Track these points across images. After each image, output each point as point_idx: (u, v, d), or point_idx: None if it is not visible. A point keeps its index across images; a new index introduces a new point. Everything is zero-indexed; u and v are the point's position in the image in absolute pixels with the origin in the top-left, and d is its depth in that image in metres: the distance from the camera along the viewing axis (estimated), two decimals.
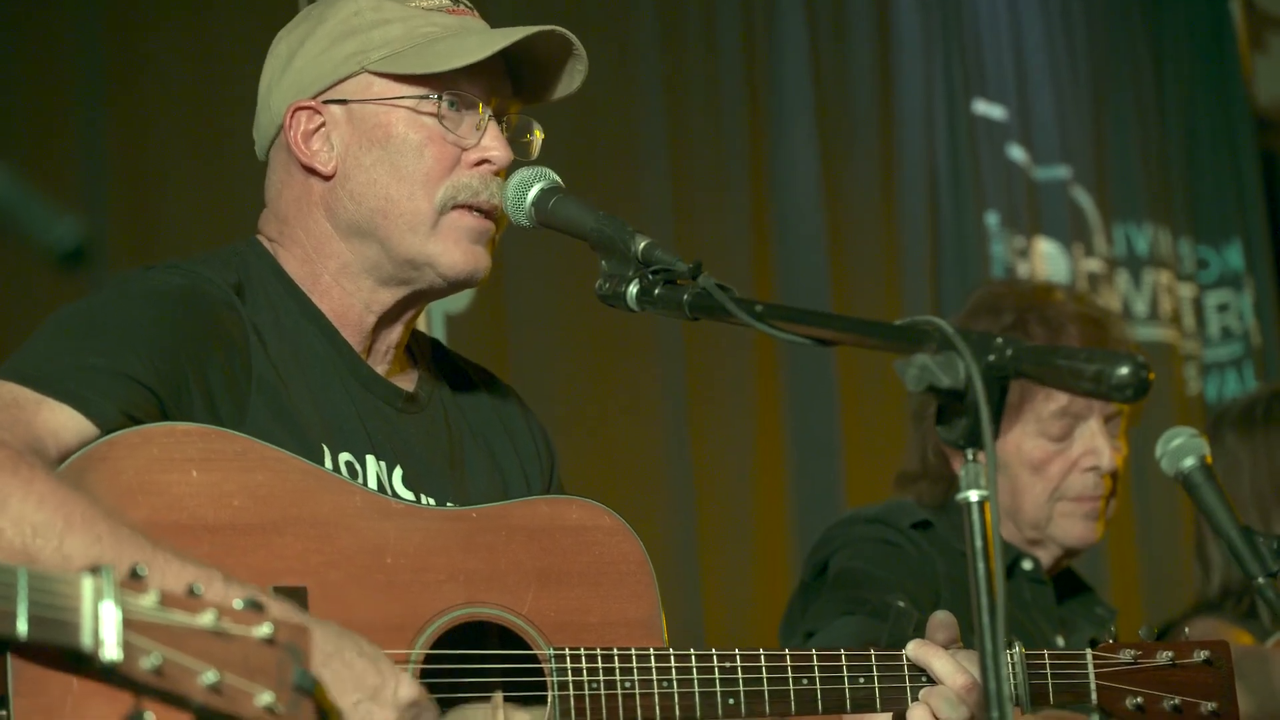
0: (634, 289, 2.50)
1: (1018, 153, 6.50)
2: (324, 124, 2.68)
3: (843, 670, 2.67)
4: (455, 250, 2.66)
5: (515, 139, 2.74)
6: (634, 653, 2.54)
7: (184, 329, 2.50)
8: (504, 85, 2.73)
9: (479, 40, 2.67)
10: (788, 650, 2.65)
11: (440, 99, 2.66)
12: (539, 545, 2.57)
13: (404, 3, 2.70)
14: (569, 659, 2.51)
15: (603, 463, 5.06)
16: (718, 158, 5.57)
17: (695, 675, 2.58)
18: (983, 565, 2.04)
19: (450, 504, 2.64)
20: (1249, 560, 2.91)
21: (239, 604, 1.91)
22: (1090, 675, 2.85)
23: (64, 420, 2.34)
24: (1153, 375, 2.07)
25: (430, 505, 2.62)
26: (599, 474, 4.94)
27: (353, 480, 2.54)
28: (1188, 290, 7.01)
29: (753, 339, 5.40)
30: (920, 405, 3.80)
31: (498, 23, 2.76)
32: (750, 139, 5.65)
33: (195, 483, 2.35)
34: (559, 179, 2.66)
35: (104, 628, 1.81)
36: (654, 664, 2.55)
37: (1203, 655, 2.89)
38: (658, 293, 2.48)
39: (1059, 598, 3.86)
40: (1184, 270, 6.99)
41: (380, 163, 2.65)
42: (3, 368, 2.40)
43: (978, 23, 6.43)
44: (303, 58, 2.70)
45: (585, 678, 2.51)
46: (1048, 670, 2.81)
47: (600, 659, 2.52)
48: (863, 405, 5.71)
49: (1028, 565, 3.78)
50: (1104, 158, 6.76)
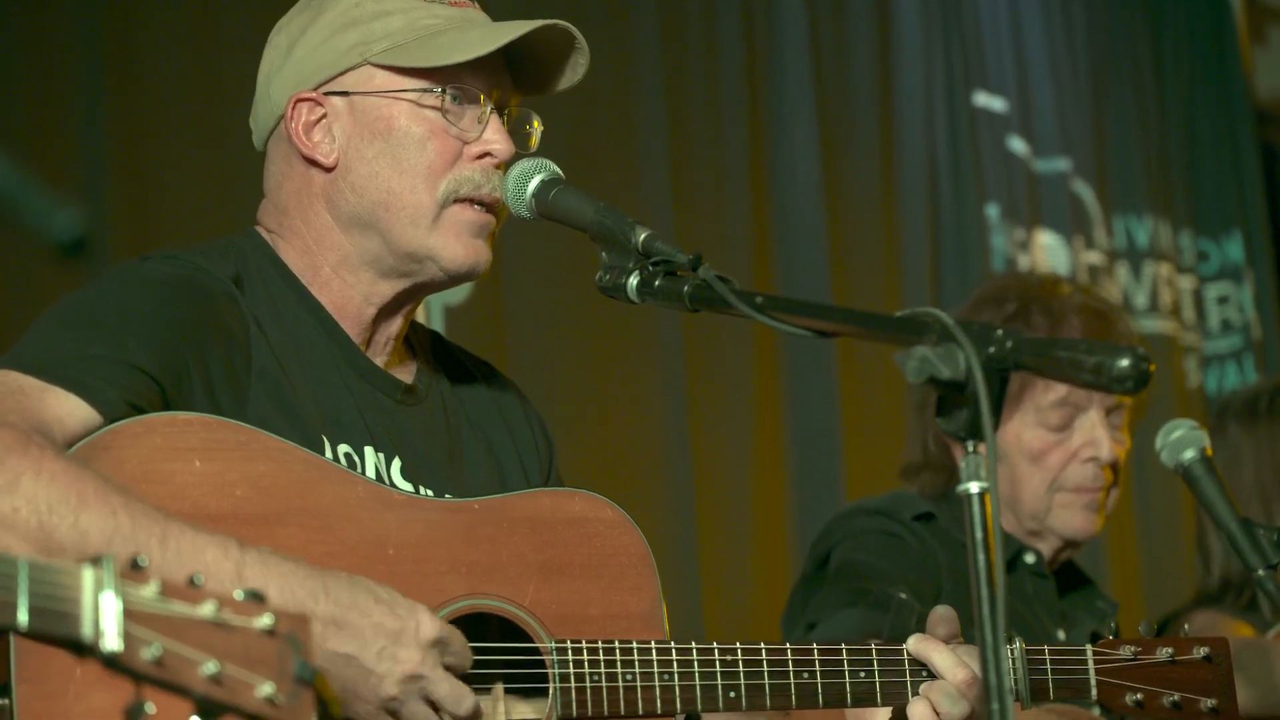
0: (634, 280, 2.50)
1: (1018, 145, 6.49)
2: (325, 115, 2.67)
3: (843, 665, 2.67)
4: (457, 244, 2.66)
5: (515, 131, 2.73)
6: (635, 645, 2.54)
7: (184, 319, 2.49)
8: (505, 78, 2.72)
9: (482, 34, 2.66)
10: (788, 644, 2.66)
11: (444, 92, 2.65)
12: (540, 537, 2.57)
13: None
14: (570, 651, 2.51)
15: (602, 455, 5.05)
16: (718, 149, 5.56)
17: (696, 668, 2.58)
18: (983, 557, 2.04)
19: (449, 496, 2.64)
20: (1249, 552, 2.91)
21: (239, 595, 1.91)
22: (1090, 671, 2.85)
23: (69, 408, 2.33)
24: (1153, 367, 2.07)
25: (430, 497, 2.62)
26: (598, 467, 4.94)
27: (353, 471, 2.55)
28: (1188, 283, 7.01)
29: (752, 331, 5.40)
30: (922, 396, 3.80)
31: (499, 15, 2.75)
32: (750, 131, 5.64)
33: (198, 472, 2.36)
34: (559, 170, 2.66)
35: (104, 618, 1.81)
36: (655, 656, 2.55)
37: (1202, 652, 2.88)
38: (658, 284, 2.48)
39: (1060, 591, 3.86)
40: (1184, 263, 6.99)
41: (382, 155, 2.65)
42: (5, 357, 2.39)
43: (978, 14, 6.43)
44: (303, 48, 2.70)
45: (587, 670, 2.51)
46: (1048, 666, 2.81)
47: (602, 651, 2.53)
48: (862, 398, 5.70)
49: (1030, 559, 3.78)
50: (1104, 150, 6.76)
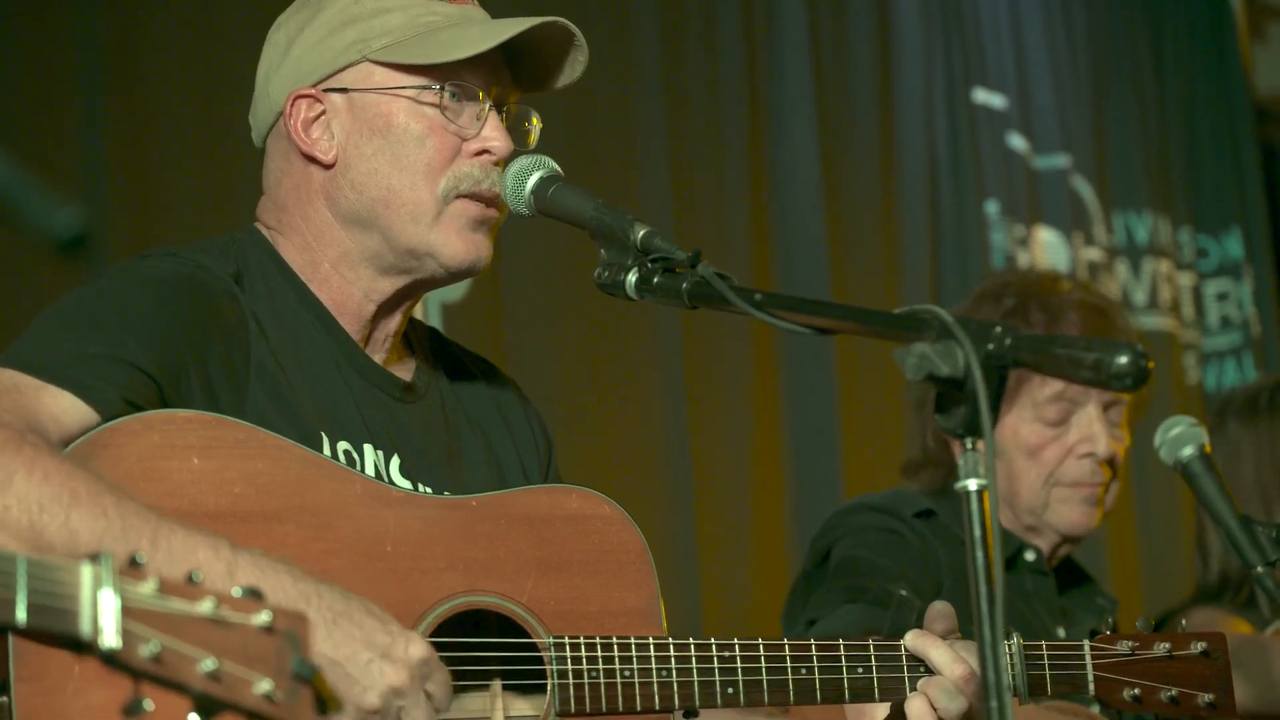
0: (633, 277, 2.50)
1: (1018, 141, 6.49)
2: (324, 112, 2.67)
3: (841, 660, 2.67)
4: (458, 240, 2.66)
5: (514, 128, 2.73)
6: (633, 641, 2.54)
7: (183, 316, 2.49)
8: (504, 75, 2.72)
9: (481, 31, 2.66)
10: (786, 640, 2.66)
11: (442, 89, 2.65)
12: (538, 534, 2.57)
13: None
14: (568, 647, 2.51)
15: (600, 452, 5.05)
16: (717, 147, 5.56)
17: (694, 664, 2.58)
18: (982, 554, 2.04)
19: (447, 494, 2.64)
20: (1247, 549, 2.91)
21: (238, 592, 1.91)
22: (1088, 666, 2.85)
23: (65, 406, 2.33)
24: (1152, 364, 2.07)
25: (428, 494, 2.62)
26: (597, 464, 4.94)
27: (351, 469, 2.55)
28: (1187, 279, 7.01)
29: (751, 328, 5.40)
30: (921, 393, 3.80)
31: (499, 13, 2.75)
32: (750, 128, 5.64)
33: (196, 470, 2.36)
34: (558, 167, 2.66)
35: (103, 615, 1.81)
36: (653, 653, 2.55)
37: (1200, 647, 2.89)
38: (656, 281, 2.48)
39: (1060, 588, 3.86)
40: (1183, 259, 6.99)
41: (381, 152, 2.65)
42: (3, 355, 2.39)
43: (977, 11, 6.43)
44: (302, 45, 2.70)
45: (585, 666, 2.51)
46: (1045, 661, 2.82)
47: (600, 647, 2.53)
48: (861, 395, 5.70)
49: (1030, 556, 3.78)
50: (1104, 147, 6.75)
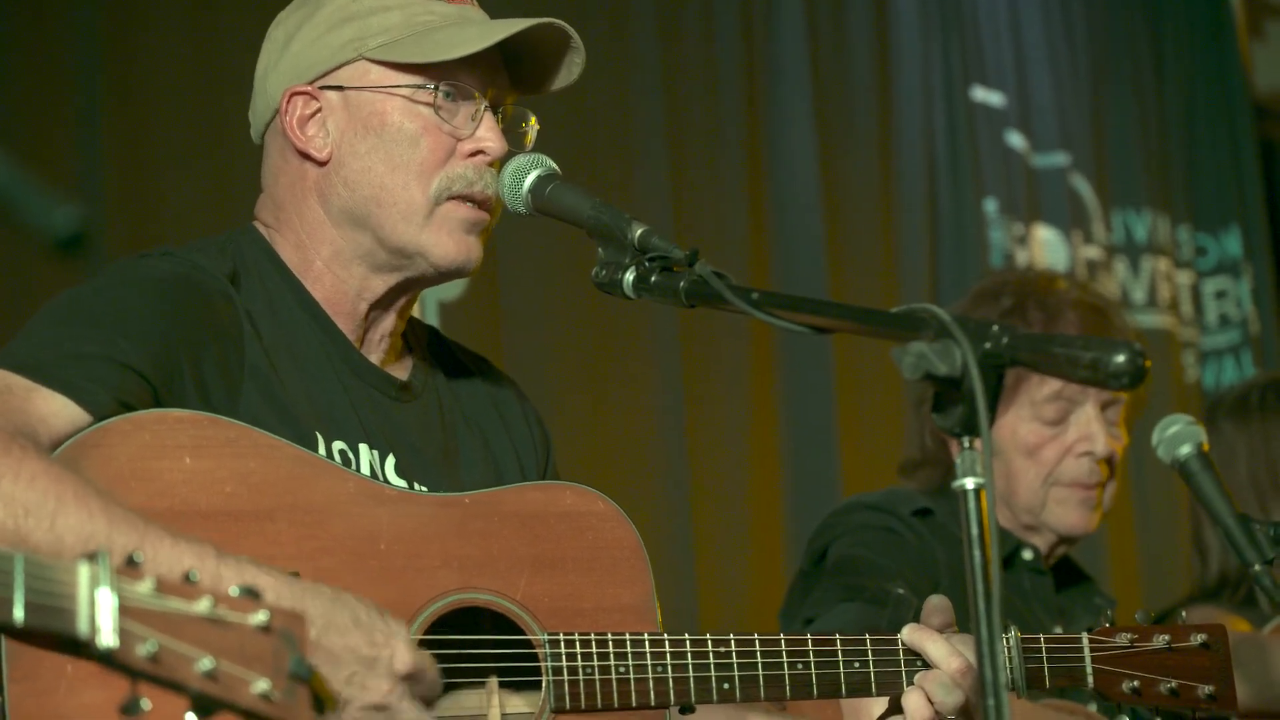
0: (630, 276, 2.50)
1: (1016, 139, 6.49)
2: (320, 109, 2.68)
3: (838, 655, 2.67)
4: (449, 241, 2.66)
5: (511, 129, 2.73)
6: (628, 638, 2.54)
7: (178, 317, 2.49)
8: (501, 76, 2.72)
9: (478, 31, 2.66)
10: (782, 635, 2.66)
11: (437, 89, 2.65)
12: (532, 531, 2.57)
13: None
14: (563, 644, 2.51)
15: (597, 450, 5.05)
16: (715, 145, 5.56)
17: (690, 660, 2.58)
18: (979, 553, 2.04)
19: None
20: (1246, 548, 2.90)
21: (235, 591, 1.91)
22: (1086, 659, 2.85)
23: (56, 408, 2.33)
24: (1149, 363, 2.07)
25: (423, 493, 2.62)
26: (594, 461, 4.94)
27: (345, 468, 2.54)
28: (1186, 277, 7.00)
29: (749, 326, 5.39)
30: (919, 392, 3.80)
31: (497, 13, 2.75)
32: (748, 126, 5.64)
33: (188, 469, 2.35)
34: (556, 166, 2.66)
35: (100, 614, 1.81)
36: (648, 649, 2.55)
37: (1199, 639, 2.89)
38: (654, 280, 2.48)
39: (1058, 587, 3.85)
40: (1182, 257, 6.98)
41: (375, 150, 2.65)
42: None
43: (976, 9, 6.42)
44: (300, 42, 2.70)
45: (580, 663, 2.51)
46: (1043, 654, 2.81)
47: (594, 644, 2.52)
48: (858, 393, 5.70)
49: (1028, 555, 3.78)
50: (1103, 145, 6.75)
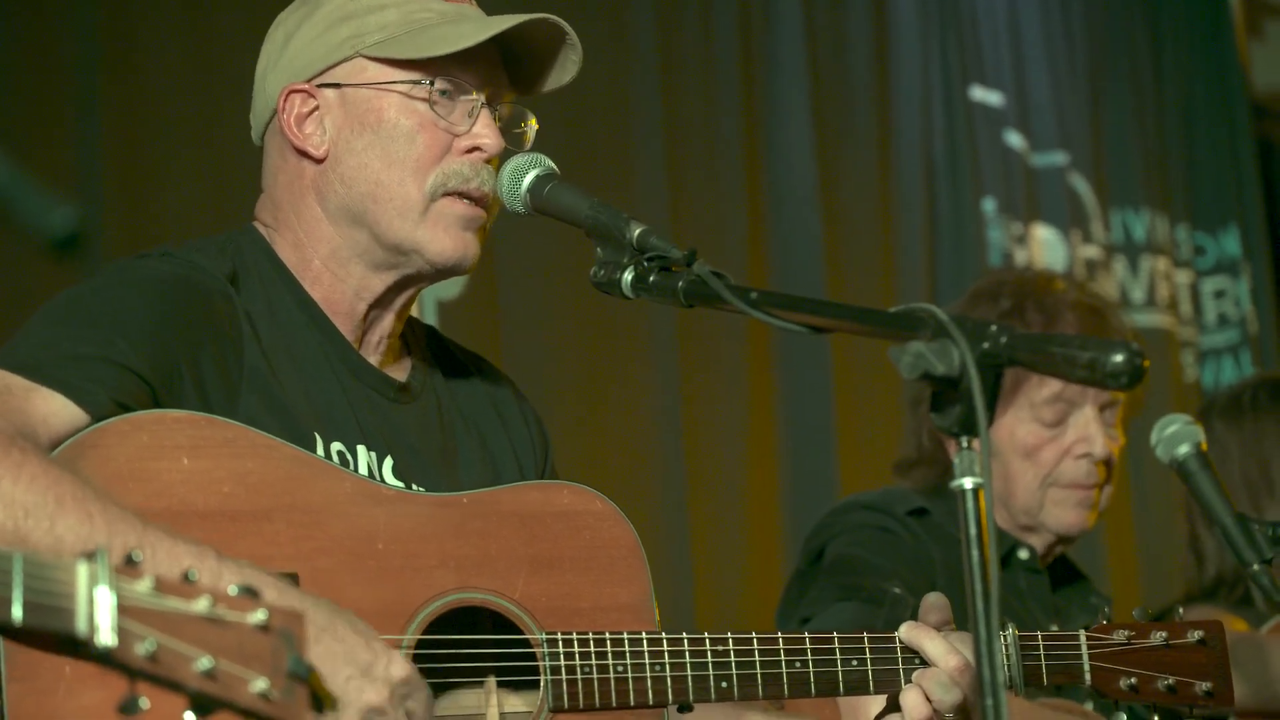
0: (629, 276, 2.50)
1: (1015, 139, 6.49)
2: (317, 107, 2.68)
3: (835, 653, 2.67)
4: (445, 237, 2.66)
5: (509, 129, 2.74)
6: (626, 637, 2.54)
7: (177, 317, 2.49)
8: (498, 74, 2.72)
9: (474, 27, 2.67)
10: (780, 633, 2.66)
11: (433, 85, 2.65)
12: (530, 530, 2.56)
13: None
14: (561, 643, 2.51)
15: (595, 449, 5.06)
16: (713, 144, 5.56)
17: (688, 659, 2.58)
18: (977, 552, 2.04)
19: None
20: (1244, 547, 2.90)
21: (234, 590, 1.91)
22: (1084, 656, 2.85)
23: (55, 408, 2.34)
24: (1147, 363, 2.07)
25: (421, 493, 2.62)
26: (592, 461, 4.94)
27: (343, 468, 2.54)
28: (1185, 277, 7.01)
29: (747, 326, 5.39)
30: (917, 392, 3.80)
31: (496, 12, 2.76)
32: (746, 125, 5.64)
33: (186, 470, 2.35)
34: (554, 166, 2.66)
35: (99, 613, 1.81)
36: (646, 648, 2.55)
37: (1197, 635, 2.88)
38: (652, 280, 2.48)
39: (1054, 586, 3.86)
40: (1181, 257, 6.99)
41: (371, 147, 2.65)
42: None
43: (975, 8, 6.42)
44: (298, 41, 2.70)
45: (577, 662, 2.51)
46: (1041, 651, 2.81)
47: (592, 643, 2.52)
48: (856, 393, 5.70)
49: (1024, 554, 3.78)
50: (1101, 144, 6.75)
